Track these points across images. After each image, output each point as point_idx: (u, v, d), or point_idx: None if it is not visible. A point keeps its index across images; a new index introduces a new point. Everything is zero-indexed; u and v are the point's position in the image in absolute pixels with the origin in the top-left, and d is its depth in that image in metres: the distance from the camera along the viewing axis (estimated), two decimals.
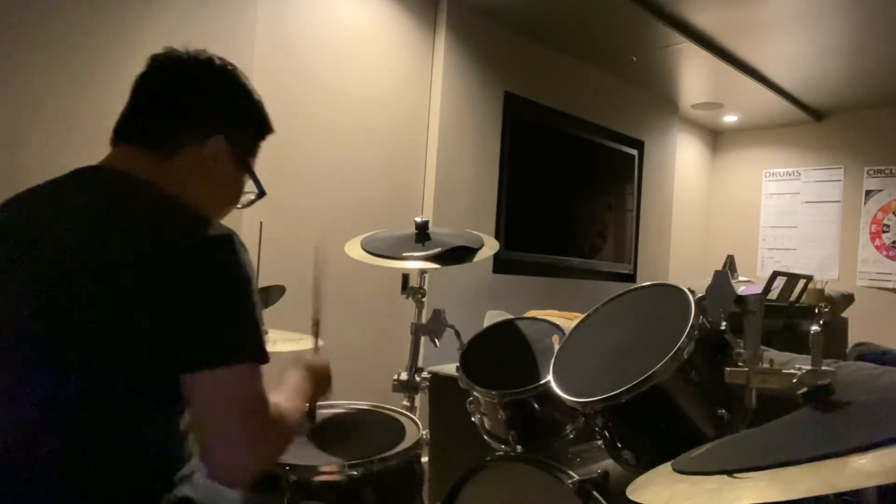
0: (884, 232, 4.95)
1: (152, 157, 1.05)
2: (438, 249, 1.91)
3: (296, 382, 1.24)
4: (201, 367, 0.91)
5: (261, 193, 1.20)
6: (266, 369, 0.97)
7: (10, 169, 1.07)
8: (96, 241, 0.94)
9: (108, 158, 1.06)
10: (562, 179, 4.13)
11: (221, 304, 0.93)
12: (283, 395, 1.14)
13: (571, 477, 1.42)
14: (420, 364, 2.00)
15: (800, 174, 5.38)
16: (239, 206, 1.20)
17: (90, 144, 1.10)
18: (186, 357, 0.91)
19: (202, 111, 1.10)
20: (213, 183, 1.11)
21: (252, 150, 1.18)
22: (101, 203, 0.99)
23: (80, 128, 2.03)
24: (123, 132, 1.08)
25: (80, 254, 0.93)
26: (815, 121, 5.18)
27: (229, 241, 0.96)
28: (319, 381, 1.33)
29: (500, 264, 3.61)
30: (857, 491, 1.26)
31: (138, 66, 1.10)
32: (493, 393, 1.58)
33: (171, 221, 0.97)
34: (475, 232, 2.11)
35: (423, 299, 2.02)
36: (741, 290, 3.22)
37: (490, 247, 2.01)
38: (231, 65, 1.14)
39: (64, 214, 0.99)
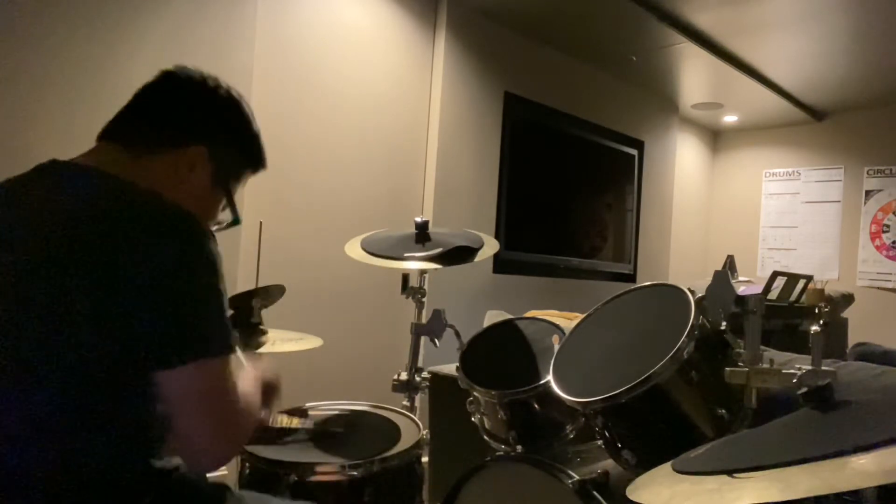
0: (884, 232, 4.95)
1: (127, 155, 1.04)
2: (439, 249, 1.91)
3: (255, 376, 1.21)
4: (171, 365, 0.90)
5: (235, 220, 1.18)
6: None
7: (9, 173, 1.06)
8: (52, 238, 0.92)
9: (81, 155, 1.05)
10: (562, 179, 4.12)
11: (186, 302, 0.92)
12: (246, 386, 1.12)
13: (571, 477, 1.42)
14: (420, 364, 2.00)
15: (800, 174, 5.38)
16: (212, 227, 1.16)
17: (90, 146, 1.10)
18: (157, 355, 0.90)
19: (188, 118, 1.09)
20: (185, 191, 1.07)
21: (234, 173, 1.16)
22: (61, 199, 0.97)
23: (79, 130, 2.03)
24: (108, 131, 1.08)
25: (38, 252, 0.91)
26: (815, 121, 5.18)
27: (190, 232, 0.94)
28: (269, 389, 1.28)
29: (500, 264, 3.61)
30: (857, 491, 1.26)
31: (138, 67, 1.10)
32: (493, 393, 1.58)
33: (131, 214, 0.94)
34: (475, 232, 2.11)
35: (423, 299, 2.02)
36: (741, 290, 3.22)
37: (490, 247, 2.01)
38: (237, 94, 1.14)
39: (23, 213, 0.97)
